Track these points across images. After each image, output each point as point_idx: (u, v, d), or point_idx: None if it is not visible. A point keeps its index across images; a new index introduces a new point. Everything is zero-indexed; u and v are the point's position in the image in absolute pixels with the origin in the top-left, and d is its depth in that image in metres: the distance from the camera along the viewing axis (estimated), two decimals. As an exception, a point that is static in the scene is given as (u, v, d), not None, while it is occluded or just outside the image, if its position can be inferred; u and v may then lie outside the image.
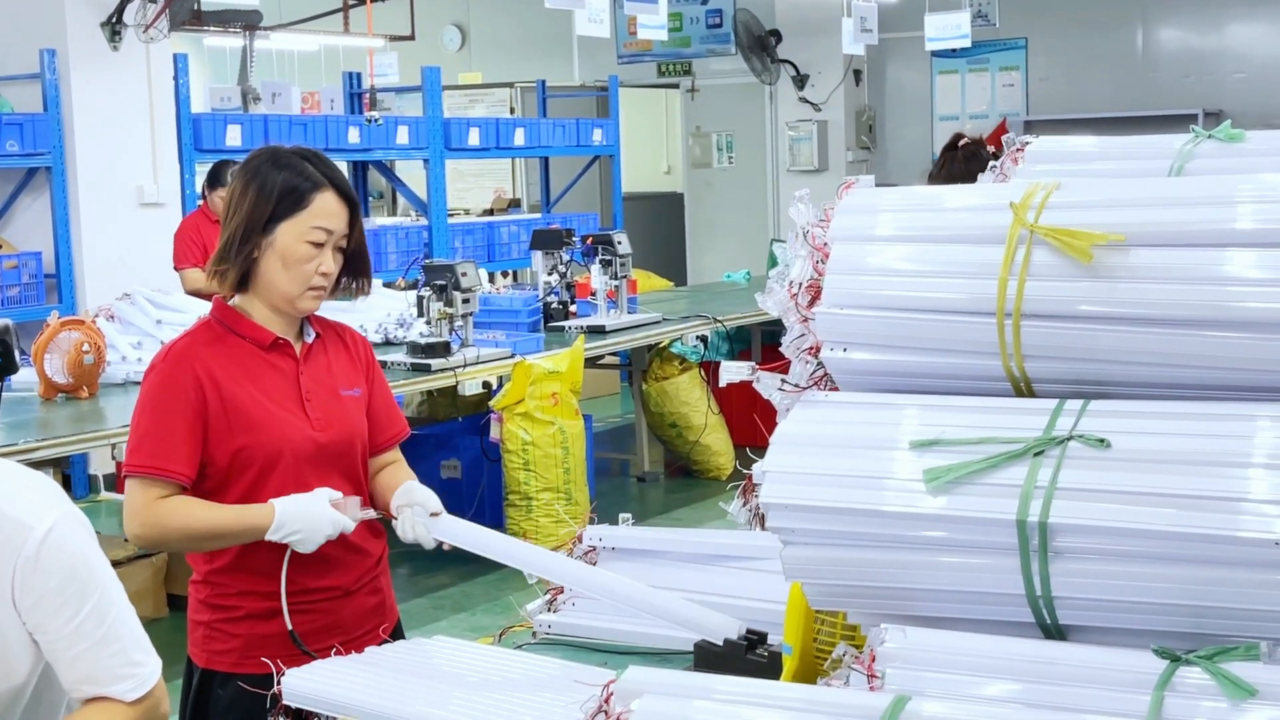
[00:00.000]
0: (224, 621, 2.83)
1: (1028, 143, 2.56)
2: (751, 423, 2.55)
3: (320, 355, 2.90)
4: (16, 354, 3.98)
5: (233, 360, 2.79)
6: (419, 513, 2.81)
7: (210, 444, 2.75)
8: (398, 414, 3.06)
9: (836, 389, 2.12)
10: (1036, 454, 1.86)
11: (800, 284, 2.12)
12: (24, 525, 1.93)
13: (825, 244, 2.13)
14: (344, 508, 2.76)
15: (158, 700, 2.07)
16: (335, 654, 2.55)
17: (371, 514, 2.85)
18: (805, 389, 2.11)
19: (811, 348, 2.11)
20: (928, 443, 1.93)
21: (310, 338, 2.89)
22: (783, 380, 2.12)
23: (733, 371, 2.17)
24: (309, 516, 2.71)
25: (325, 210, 2.78)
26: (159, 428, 2.74)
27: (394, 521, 2.84)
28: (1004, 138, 2.63)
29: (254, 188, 2.77)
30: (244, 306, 2.84)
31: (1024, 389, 2.02)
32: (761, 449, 2.04)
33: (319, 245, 2.77)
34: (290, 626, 2.73)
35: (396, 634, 2.96)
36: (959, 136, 5.03)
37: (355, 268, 2.88)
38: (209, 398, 2.74)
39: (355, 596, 2.89)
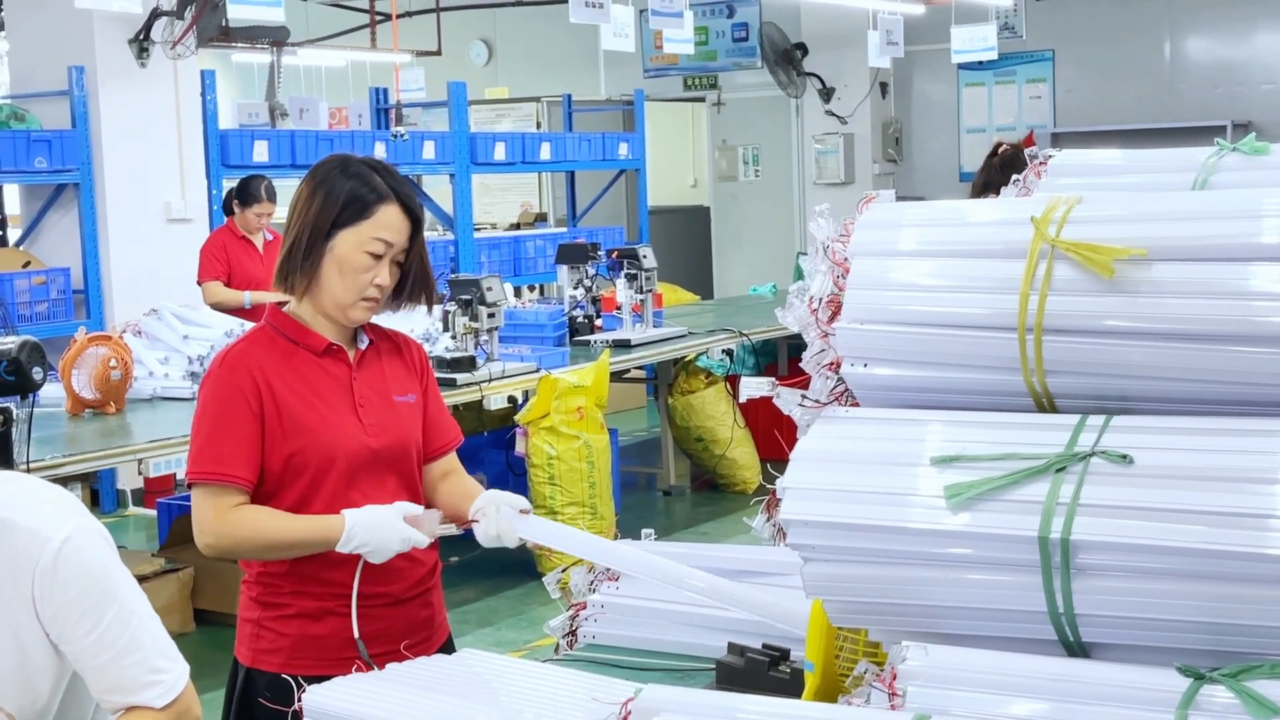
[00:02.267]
0: (274, 619, 2.82)
1: (1051, 156, 2.55)
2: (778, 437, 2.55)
3: (374, 361, 2.91)
4: (34, 371, 3.98)
5: (287, 365, 2.80)
6: (506, 511, 2.78)
7: (265, 448, 2.75)
8: (451, 421, 3.05)
9: (857, 404, 2.11)
10: (1058, 470, 1.85)
11: (820, 299, 2.12)
12: (40, 536, 1.94)
13: (845, 259, 2.12)
14: (422, 523, 2.74)
15: (188, 705, 2.07)
16: (372, 665, 2.54)
17: (452, 529, 2.81)
18: (826, 404, 2.10)
19: (832, 363, 2.11)
20: (949, 459, 1.92)
21: (364, 344, 2.90)
22: (803, 396, 2.12)
23: (753, 387, 2.17)
24: (378, 531, 2.70)
25: (387, 222, 2.78)
26: (220, 432, 2.74)
27: (473, 525, 2.81)
28: (1026, 151, 2.62)
29: (321, 193, 2.78)
30: (298, 313, 2.85)
31: (1046, 404, 2.01)
32: (787, 463, 2.03)
33: (377, 256, 2.77)
34: (358, 635, 2.71)
35: (447, 650, 2.93)
36: (999, 145, 5.09)
37: (416, 283, 2.87)
38: (265, 400, 2.75)
39: (406, 606, 2.88)
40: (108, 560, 2.01)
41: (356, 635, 2.72)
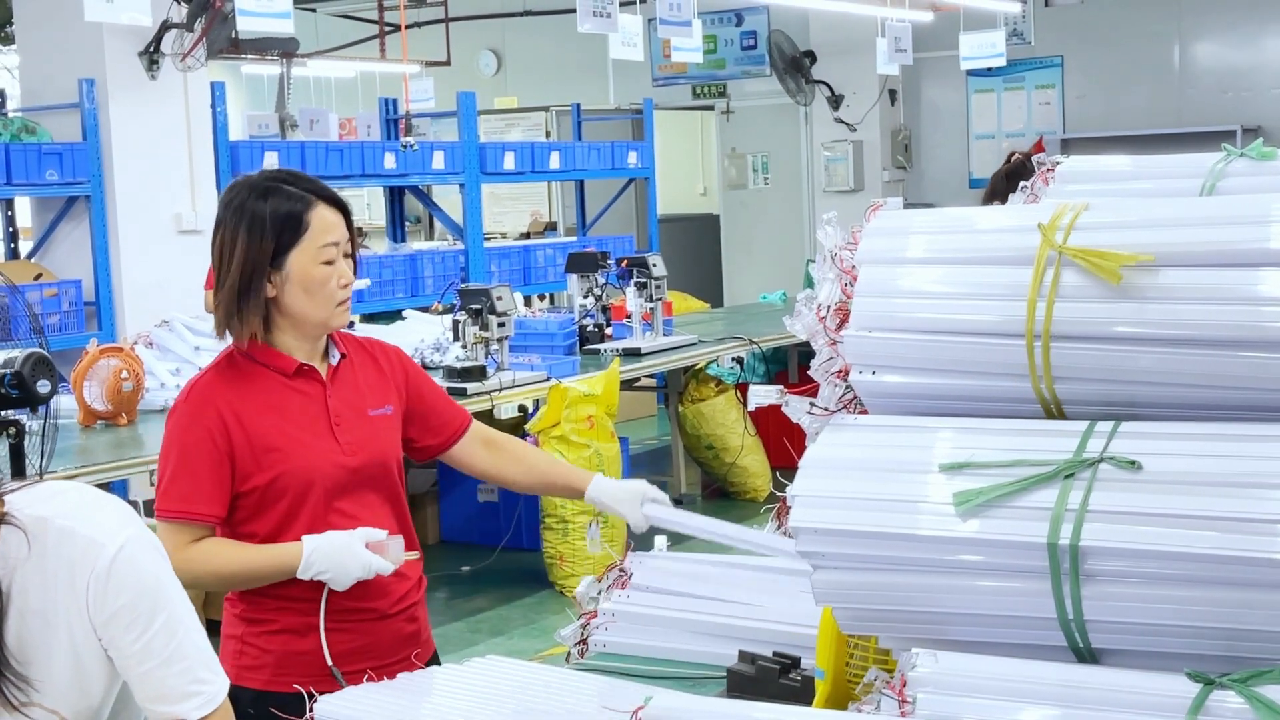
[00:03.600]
0: (258, 635, 2.80)
1: (1058, 163, 2.55)
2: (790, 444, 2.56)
3: (348, 376, 2.87)
4: (39, 384, 3.98)
5: (256, 392, 2.77)
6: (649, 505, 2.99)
7: (239, 479, 2.73)
8: (455, 406, 3.07)
9: (865, 412, 2.11)
10: (1067, 476, 1.85)
11: (828, 307, 2.12)
12: (96, 543, 1.98)
13: (853, 266, 2.13)
14: (384, 549, 2.73)
15: (223, 718, 2.10)
16: (367, 679, 2.54)
17: (415, 555, 2.82)
18: (834, 412, 2.10)
19: (840, 371, 2.11)
20: (957, 466, 1.92)
21: (335, 360, 2.86)
22: (811, 403, 2.12)
23: (761, 395, 2.17)
24: (335, 559, 2.68)
25: (325, 226, 2.73)
26: (184, 470, 2.73)
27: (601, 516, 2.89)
28: (1034, 158, 2.62)
29: (245, 226, 2.71)
30: (265, 337, 2.80)
31: (1054, 411, 2.01)
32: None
33: (331, 262, 2.75)
34: (330, 662, 2.71)
35: (432, 665, 2.92)
36: (1013, 154, 5.11)
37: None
38: (233, 434, 2.72)
39: (391, 621, 2.86)
40: (159, 570, 2.05)
41: (328, 659, 2.72)
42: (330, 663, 2.72)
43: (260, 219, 2.71)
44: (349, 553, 2.69)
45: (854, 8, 11.13)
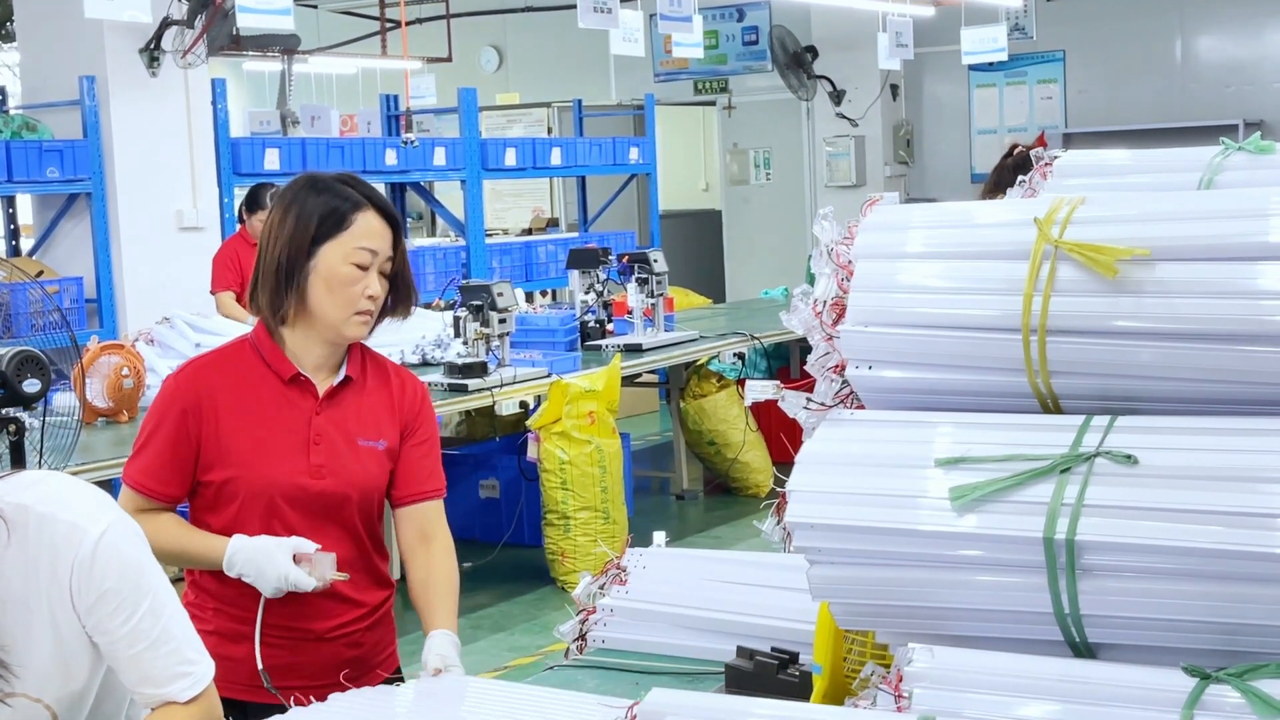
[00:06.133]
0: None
1: (1056, 157, 2.54)
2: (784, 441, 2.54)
3: (348, 398, 2.80)
4: (26, 384, 3.96)
5: (247, 387, 2.74)
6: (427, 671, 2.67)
7: (201, 468, 2.72)
8: (432, 472, 2.88)
9: (862, 407, 2.11)
10: (1063, 471, 1.85)
11: (825, 302, 2.11)
12: (79, 529, 2.00)
13: (850, 261, 2.12)
14: (312, 564, 2.65)
15: (212, 701, 2.12)
16: (294, 697, 2.49)
17: (344, 577, 2.71)
18: (830, 407, 2.10)
19: (837, 365, 2.10)
20: (953, 460, 1.91)
21: (339, 379, 2.79)
22: (808, 399, 2.11)
23: (758, 390, 2.16)
24: (256, 565, 2.64)
25: (367, 230, 2.70)
26: (152, 446, 2.74)
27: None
28: (1033, 152, 2.62)
29: (294, 213, 2.70)
30: (282, 334, 2.76)
31: (1051, 405, 2.00)
32: (798, 466, 2.03)
33: (364, 267, 2.70)
34: (261, 665, 2.68)
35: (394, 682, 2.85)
36: (1014, 146, 5.10)
37: (396, 290, 2.79)
38: (205, 423, 2.70)
39: (327, 644, 2.79)
40: (141, 554, 2.07)
41: (260, 666, 2.70)
42: (261, 668, 2.68)
43: (306, 209, 2.72)
44: (270, 560, 2.65)
45: (855, 3, 11.12)
